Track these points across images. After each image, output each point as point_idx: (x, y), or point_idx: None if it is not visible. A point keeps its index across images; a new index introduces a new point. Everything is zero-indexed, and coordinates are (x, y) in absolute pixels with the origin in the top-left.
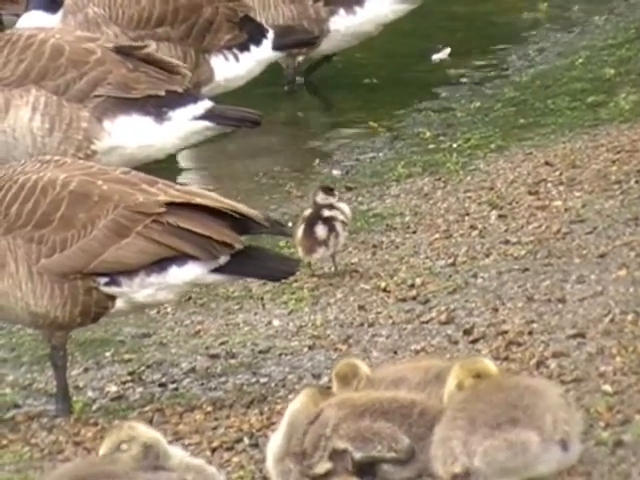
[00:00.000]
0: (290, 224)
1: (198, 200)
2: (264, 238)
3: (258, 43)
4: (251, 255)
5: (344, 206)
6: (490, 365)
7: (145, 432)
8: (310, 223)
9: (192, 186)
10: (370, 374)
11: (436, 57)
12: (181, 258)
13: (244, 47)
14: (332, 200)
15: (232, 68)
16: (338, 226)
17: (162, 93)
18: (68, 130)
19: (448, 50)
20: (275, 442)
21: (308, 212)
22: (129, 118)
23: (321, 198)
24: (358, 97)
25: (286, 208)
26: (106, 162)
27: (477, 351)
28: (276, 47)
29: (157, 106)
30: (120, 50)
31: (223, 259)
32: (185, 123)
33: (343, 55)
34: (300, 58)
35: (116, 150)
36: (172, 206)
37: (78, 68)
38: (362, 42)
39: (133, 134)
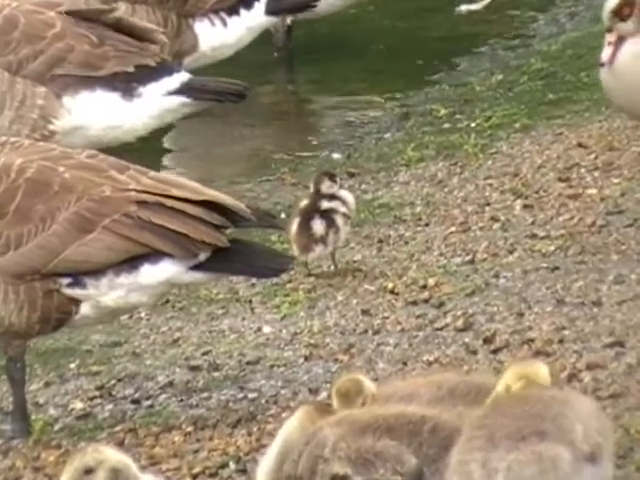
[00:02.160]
0: (283, 215)
1: (175, 192)
2: (253, 232)
3: (249, 6)
4: (236, 250)
5: (347, 195)
6: (541, 369)
7: (113, 455)
8: (306, 216)
9: (168, 173)
10: (376, 392)
11: (464, 8)
12: (154, 255)
13: (233, 11)
14: (334, 189)
15: (219, 35)
16: (338, 220)
17: (131, 69)
18: (21, 108)
19: (486, 1)
20: (266, 465)
21: (305, 203)
22: (92, 94)
23: (327, 186)
24: (362, 67)
25: (278, 197)
26: (68, 144)
27: (499, 362)
28: (270, 11)
29: (125, 81)
30: (85, 16)
31: (203, 255)
32: (158, 99)
33: (346, 16)
34: (289, 20)
35: (78, 131)
36: (144, 198)
37: (33, 44)
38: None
39: (97, 113)
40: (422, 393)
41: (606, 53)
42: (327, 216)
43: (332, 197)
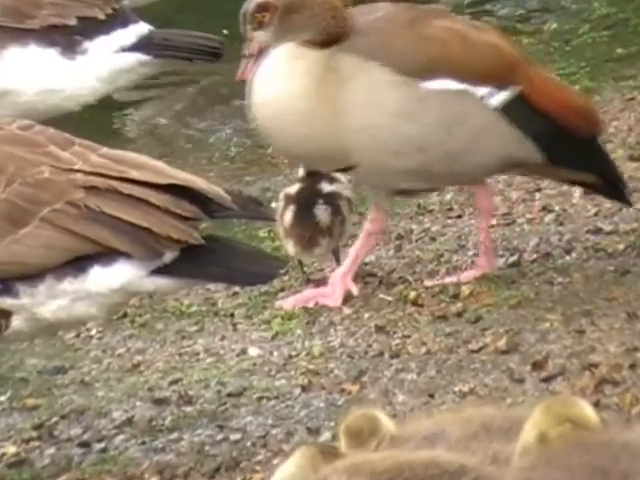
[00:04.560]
0: (274, 204)
1: (133, 174)
2: (235, 226)
3: None
4: (213, 249)
5: (340, 175)
6: (587, 409)
7: None
8: (305, 202)
9: (127, 151)
10: (395, 431)
11: None
12: (107, 255)
13: None
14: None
15: None
16: (344, 207)
17: (72, 22)
18: None
19: None
20: None
21: (297, 187)
22: (24, 50)
23: None
24: None
25: (268, 181)
26: None
27: (552, 393)
28: None
29: (67, 34)
30: None
31: (170, 255)
32: (108, 57)
33: None
34: None
35: (7, 96)
36: (94, 181)
37: None
38: None
39: (30, 73)
40: (449, 431)
41: (241, 68)
42: (331, 202)
43: (331, 179)
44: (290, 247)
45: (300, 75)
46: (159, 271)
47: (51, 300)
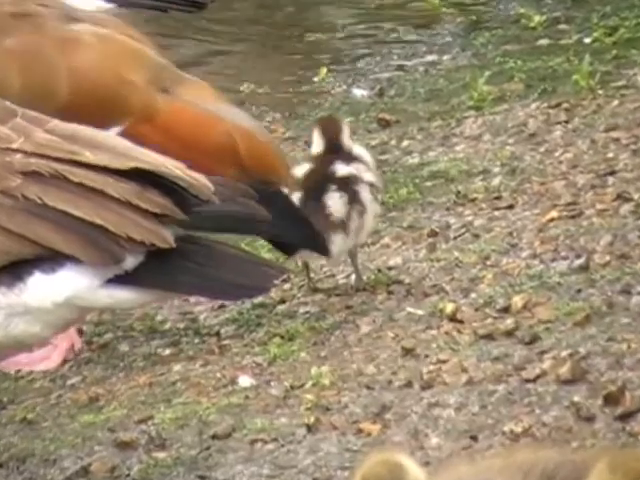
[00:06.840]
0: None
1: (87, 155)
2: None
3: None
4: (186, 253)
5: (364, 153)
6: None
7: None
8: (314, 188)
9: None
10: None
11: None
12: (50, 259)
13: None
14: (351, 143)
15: None
16: (363, 194)
17: None
18: None
19: None
20: None
21: (305, 169)
22: None
23: (347, 138)
24: None
25: None
26: None
27: (631, 435)
28: None
29: None
30: None
31: (131, 261)
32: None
33: None
34: None
35: None
36: (36, 165)
37: None
38: None
39: None
40: None
41: None
42: (347, 187)
43: (350, 158)
44: None
45: None
46: (118, 280)
47: None
